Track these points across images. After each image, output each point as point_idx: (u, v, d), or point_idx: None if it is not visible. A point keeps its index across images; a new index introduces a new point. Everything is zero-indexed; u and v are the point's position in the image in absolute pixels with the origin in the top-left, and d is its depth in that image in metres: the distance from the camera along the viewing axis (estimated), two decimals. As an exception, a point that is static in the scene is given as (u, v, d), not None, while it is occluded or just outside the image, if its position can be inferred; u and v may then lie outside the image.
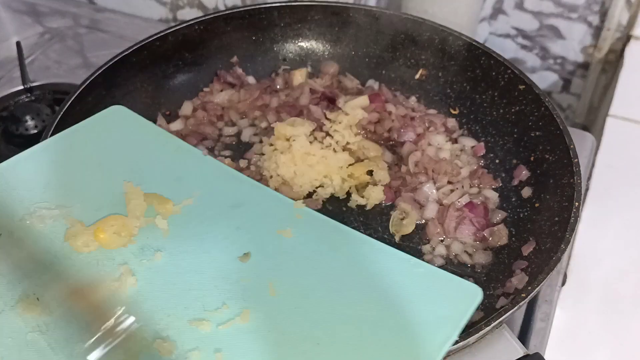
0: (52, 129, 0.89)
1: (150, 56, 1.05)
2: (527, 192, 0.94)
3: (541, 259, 0.82)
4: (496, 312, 0.73)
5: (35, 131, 1.09)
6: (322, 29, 1.14)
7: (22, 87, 1.19)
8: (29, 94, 1.19)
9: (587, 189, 1.00)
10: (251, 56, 1.14)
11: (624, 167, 1.04)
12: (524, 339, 0.86)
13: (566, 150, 0.89)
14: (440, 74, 1.10)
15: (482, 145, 1.02)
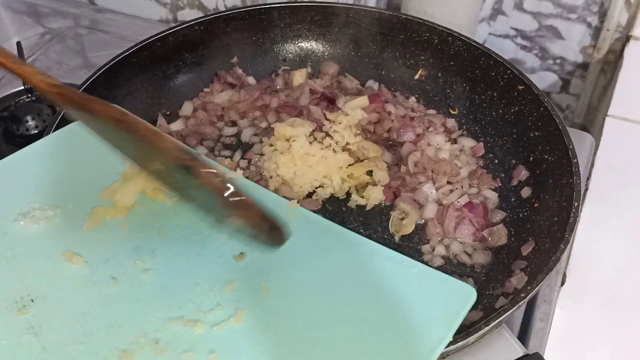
0: (52, 129, 0.89)
1: (150, 57, 1.05)
2: (526, 192, 0.94)
3: (540, 258, 0.82)
4: (495, 312, 0.73)
5: (35, 131, 1.09)
6: (322, 30, 1.14)
7: (22, 88, 1.19)
8: (29, 94, 1.19)
9: (586, 189, 1.00)
10: (251, 57, 1.14)
11: (623, 167, 1.04)
12: (523, 338, 0.86)
13: (565, 150, 0.89)
14: (439, 75, 1.10)
15: (482, 145, 1.02)
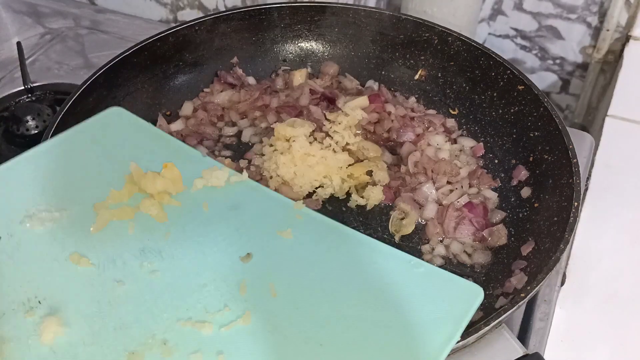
0: (52, 129, 0.89)
1: (150, 57, 1.05)
2: (526, 192, 0.94)
3: (540, 258, 0.82)
4: (495, 312, 0.73)
5: (36, 131, 1.09)
6: (322, 30, 1.15)
7: (23, 88, 1.19)
8: (29, 95, 1.19)
9: (586, 189, 1.00)
10: (251, 57, 1.14)
11: (623, 167, 1.04)
12: (523, 338, 0.86)
13: (565, 150, 0.89)
14: (439, 75, 1.10)
15: (481, 145, 1.02)
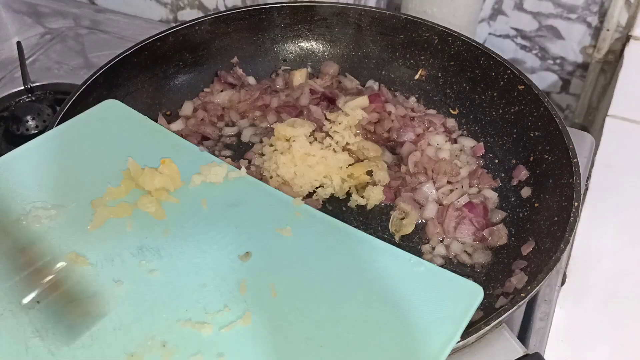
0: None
1: (151, 57, 1.05)
2: (526, 192, 0.94)
3: (540, 258, 0.82)
4: (496, 311, 0.73)
5: (36, 131, 1.09)
6: (322, 30, 1.14)
7: (23, 88, 1.19)
8: (29, 94, 1.19)
9: (586, 189, 1.00)
10: (251, 57, 1.14)
11: (623, 167, 1.04)
12: (523, 338, 0.86)
13: (565, 150, 0.89)
14: (439, 75, 1.10)
15: (482, 145, 1.02)
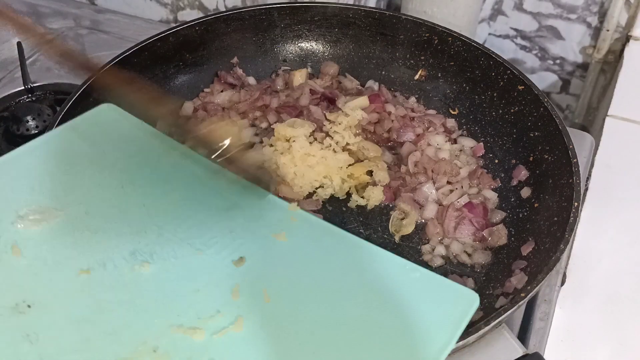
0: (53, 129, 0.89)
1: (151, 57, 1.05)
2: (526, 192, 0.94)
3: (540, 258, 0.82)
4: (495, 311, 0.73)
5: (36, 131, 1.09)
6: (322, 30, 1.15)
7: (23, 88, 1.19)
8: (30, 95, 1.19)
9: (586, 189, 1.00)
10: (251, 57, 1.14)
11: (623, 167, 1.04)
12: (523, 338, 0.86)
13: (565, 150, 0.89)
14: (439, 75, 1.10)
15: (482, 145, 1.02)
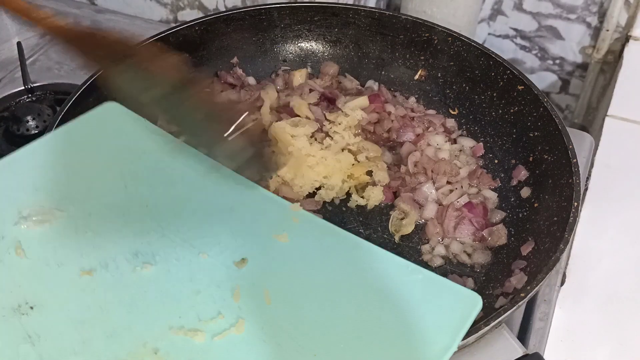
0: (53, 130, 0.88)
1: (150, 57, 1.05)
2: (526, 192, 0.94)
3: (540, 258, 0.82)
4: (495, 311, 0.73)
5: (36, 131, 1.09)
6: (322, 30, 1.15)
7: (23, 88, 1.19)
8: (30, 95, 1.19)
9: (585, 189, 1.00)
10: (251, 57, 1.14)
11: (623, 167, 1.04)
12: (523, 338, 0.85)
13: (565, 150, 0.89)
14: (439, 75, 1.10)
15: (481, 145, 1.02)
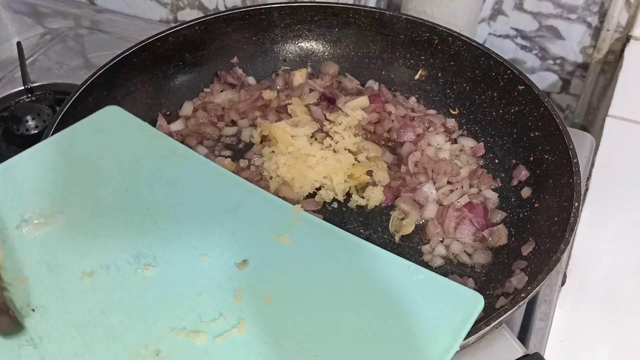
0: (52, 129, 0.88)
1: (150, 57, 1.05)
2: (526, 192, 0.94)
3: (541, 259, 0.82)
4: (496, 312, 0.73)
5: (36, 131, 1.09)
6: (322, 30, 1.14)
7: (23, 88, 1.19)
8: (29, 95, 1.19)
9: (586, 189, 1.00)
10: (251, 57, 1.14)
11: (623, 167, 1.04)
12: (523, 338, 0.86)
13: (565, 150, 0.89)
14: (439, 75, 1.10)
15: (482, 145, 1.02)
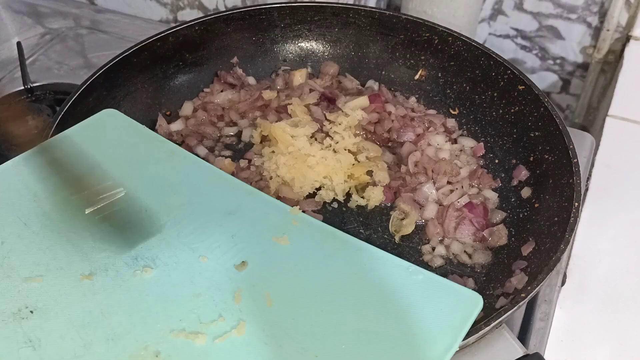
0: (52, 129, 0.89)
1: (150, 57, 1.05)
2: (526, 192, 0.94)
3: (541, 259, 0.82)
4: (496, 312, 0.73)
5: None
6: (322, 30, 1.14)
7: (23, 88, 1.19)
8: (29, 94, 1.19)
9: (586, 189, 1.00)
10: (251, 57, 1.14)
11: (623, 167, 1.04)
12: (523, 338, 0.86)
13: (565, 150, 0.89)
14: (439, 75, 1.10)
15: (482, 145, 1.02)
